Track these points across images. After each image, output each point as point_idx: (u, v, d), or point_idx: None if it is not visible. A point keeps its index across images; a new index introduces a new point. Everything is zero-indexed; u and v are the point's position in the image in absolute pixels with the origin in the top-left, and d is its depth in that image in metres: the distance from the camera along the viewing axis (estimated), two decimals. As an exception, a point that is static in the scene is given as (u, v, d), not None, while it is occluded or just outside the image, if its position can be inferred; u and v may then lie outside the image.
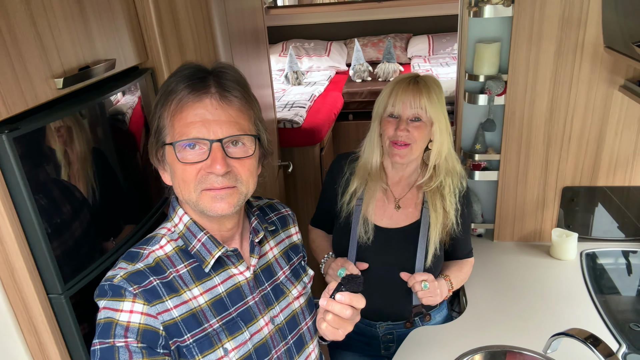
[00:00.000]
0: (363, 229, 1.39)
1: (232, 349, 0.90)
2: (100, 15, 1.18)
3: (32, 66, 0.94)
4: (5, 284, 0.96)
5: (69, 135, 1.05)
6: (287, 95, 3.53)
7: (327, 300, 0.90)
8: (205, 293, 0.90)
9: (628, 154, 1.64)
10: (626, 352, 1.26)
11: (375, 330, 1.48)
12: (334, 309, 0.89)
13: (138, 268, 0.86)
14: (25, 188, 0.92)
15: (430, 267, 1.37)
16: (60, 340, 1.04)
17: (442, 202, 1.37)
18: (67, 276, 1.02)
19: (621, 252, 1.72)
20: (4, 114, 0.88)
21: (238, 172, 0.86)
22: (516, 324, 1.42)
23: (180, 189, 0.88)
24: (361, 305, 0.91)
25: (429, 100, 1.30)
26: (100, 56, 1.17)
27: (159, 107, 0.88)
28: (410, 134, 1.30)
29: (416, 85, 1.31)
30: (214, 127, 0.83)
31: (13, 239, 0.92)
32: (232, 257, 0.95)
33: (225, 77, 0.87)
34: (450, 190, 1.38)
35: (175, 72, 0.88)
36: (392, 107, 1.32)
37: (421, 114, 1.31)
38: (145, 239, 0.94)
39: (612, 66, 1.53)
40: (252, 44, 2.02)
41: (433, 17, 4.52)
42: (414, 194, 1.42)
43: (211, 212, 0.87)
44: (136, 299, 0.83)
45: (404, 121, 1.31)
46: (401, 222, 1.41)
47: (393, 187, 1.44)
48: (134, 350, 0.81)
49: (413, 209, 1.41)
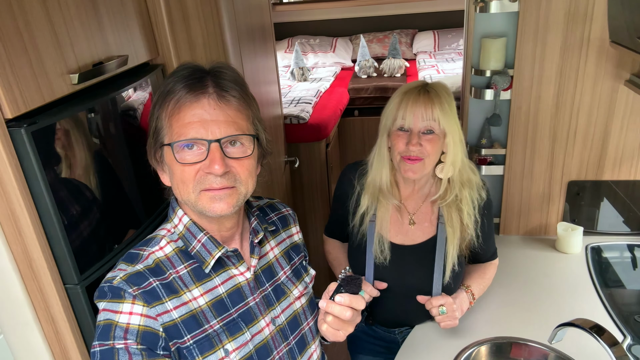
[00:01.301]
0: (379, 248, 1.33)
1: (233, 350, 0.89)
2: (113, 12, 1.20)
3: (48, 62, 0.97)
4: (23, 274, 0.99)
5: (83, 130, 1.07)
6: (293, 92, 3.55)
7: (326, 302, 0.89)
8: (206, 294, 0.90)
9: (634, 148, 1.65)
10: (631, 343, 1.27)
11: (395, 335, 1.48)
12: (334, 311, 0.89)
13: (137, 269, 0.86)
14: (43, 181, 0.94)
15: (449, 284, 1.32)
16: (76, 329, 1.06)
17: (459, 215, 1.30)
18: (83, 267, 1.04)
19: (626, 246, 1.73)
20: (23, 108, 0.91)
21: (237, 172, 0.86)
22: (522, 316, 1.43)
23: (179, 189, 0.87)
24: (361, 306, 0.90)
25: (442, 110, 1.21)
26: (113, 52, 1.19)
27: (157, 108, 0.87)
28: (423, 148, 1.22)
29: (427, 95, 1.22)
30: (212, 127, 0.83)
31: (32, 230, 0.94)
32: (233, 258, 0.94)
33: (223, 77, 0.86)
34: (467, 203, 1.30)
35: (173, 73, 0.88)
36: (402, 120, 1.23)
37: (434, 126, 1.22)
38: (145, 240, 0.93)
39: (618, 61, 1.53)
40: (260, 40, 2.03)
41: (438, 12, 4.51)
42: (428, 209, 1.36)
43: (210, 212, 0.86)
44: (136, 300, 0.82)
45: (415, 135, 1.22)
46: (417, 239, 1.35)
47: (405, 201, 1.37)
48: (134, 352, 0.80)
49: (429, 224, 1.35)
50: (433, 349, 1.34)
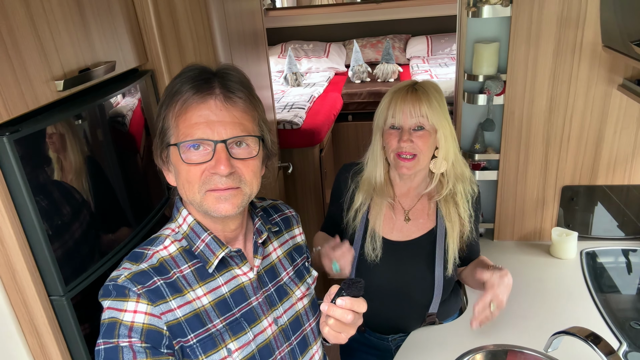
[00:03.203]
0: (371, 245, 1.35)
1: (235, 349, 0.90)
2: (100, 17, 1.18)
3: (32, 68, 0.95)
4: (6, 285, 0.97)
5: (70, 137, 1.05)
6: (287, 97, 3.54)
7: (328, 305, 0.89)
8: (209, 293, 0.90)
9: (627, 153, 1.65)
10: (627, 350, 1.26)
11: (387, 343, 1.48)
12: (335, 314, 0.88)
13: (142, 268, 0.86)
14: (26, 190, 0.92)
15: (452, 276, 1.34)
16: (61, 342, 1.04)
17: (456, 209, 1.34)
18: (68, 278, 1.02)
19: (621, 251, 1.72)
20: (5, 116, 0.89)
21: (242, 173, 0.87)
22: (517, 323, 1.42)
23: (185, 189, 0.88)
24: (362, 309, 0.90)
25: (430, 107, 1.26)
26: (100, 58, 1.17)
27: (164, 108, 0.88)
28: (414, 144, 1.26)
29: (414, 93, 1.27)
30: (218, 128, 0.84)
31: (14, 240, 0.92)
32: (236, 258, 0.95)
33: (230, 79, 0.87)
34: (462, 197, 1.34)
35: (180, 74, 0.89)
36: (392, 119, 1.28)
37: (423, 122, 1.27)
38: (149, 240, 0.94)
39: (611, 65, 1.53)
40: (251, 45, 2.02)
41: (431, 18, 4.53)
42: (424, 204, 1.39)
43: (215, 212, 0.87)
44: (140, 299, 0.83)
45: (406, 132, 1.27)
46: (412, 234, 1.38)
47: (401, 198, 1.40)
48: (138, 350, 0.81)
49: (425, 219, 1.38)
50: (427, 358, 1.32)
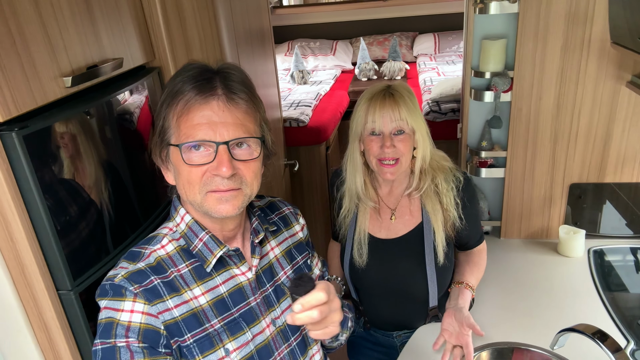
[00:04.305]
0: (357, 252, 1.38)
1: (233, 350, 0.89)
2: (108, 14, 1.19)
3: (41, 65, 0.95)
4: (15, 280, 0.98)
5: (77, 133, 1.06)
6: (293, 95, 3.54)
7: (292, 317, 0.81)
8: (207, 293, 0.90)
9: (636, 150, 1.63)
10: (634, 348, 1.25)
11: (393, 339, 1.48)
12: (303, 320, 0.80)
13: (139, 267, 0.86)
14: (35, 185, 0.93)
15: (445, 264, 1.35)
16: (69, 336, 1.05)
17: (438, 199, 1.35)
18: (76, 273, 1.03)
19: (629, 249, 1.71)
20: (14, 112, 0.89)
21: (243, 175, 0.86)
22: (523, 321, 1.42)
23: (185, 190, 0.87)
24: (322, 299, 0.79)
25: (408, 110, 1.27)
26: (107, 55, 1.18)
27: (165, 107, 0.87)
28: (397, 149, 1.27)
29: (392, 97, 1.27)
30: (220, 129, 0.83)
31: (23, 236, 0.93)
32: (234, 257, 0.94)
33: (232, 79, 0.86)
34: (444, 186, 1.35)
35: (181, 72, 0.87)
36: (372, 124, 1.28)
37: (403, 125, 1.27)
38: (146, 239, 0.93)
39: (619, 62, 1.52)
40: (258, 43, 2.02)
41: (438, 15, 4.51)
42: (408, 202, 1.40)
43: (216, 213, 0.87)
44: (137, 298, 0.83)
45: (387, 137, 1.27)
46: (400, 232, 1.39)
47: (386, 199, 1.42)
48: (135, 350, 0.80)
49: (409, 216, 1.39)
50: (433, 355, 1.32)
